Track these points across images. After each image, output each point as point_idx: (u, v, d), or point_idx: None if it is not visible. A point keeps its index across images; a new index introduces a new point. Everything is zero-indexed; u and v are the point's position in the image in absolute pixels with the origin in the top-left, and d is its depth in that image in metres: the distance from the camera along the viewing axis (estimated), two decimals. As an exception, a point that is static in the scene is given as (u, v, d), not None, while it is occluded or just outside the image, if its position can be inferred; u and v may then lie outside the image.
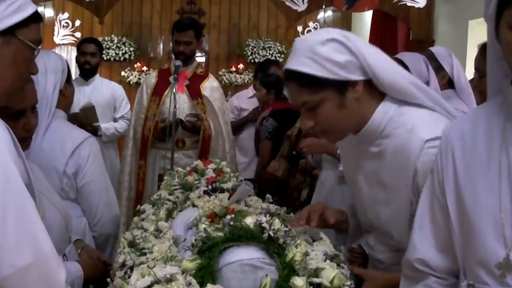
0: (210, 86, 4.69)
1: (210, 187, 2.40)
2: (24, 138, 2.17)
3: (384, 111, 1.89)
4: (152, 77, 4.83)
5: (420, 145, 1.77)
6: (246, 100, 6.23)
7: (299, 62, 1.81)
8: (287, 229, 1.64)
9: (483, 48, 2.84)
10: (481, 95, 2.93)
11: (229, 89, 9.28)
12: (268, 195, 2.48)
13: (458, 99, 3.58)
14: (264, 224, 1.63)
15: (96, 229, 2.74)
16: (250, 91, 6.47)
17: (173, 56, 4.83)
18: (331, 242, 1.89)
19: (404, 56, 3.29)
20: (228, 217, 1.67)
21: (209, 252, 1.60)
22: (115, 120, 5.66)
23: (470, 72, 4.25)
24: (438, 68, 3.53)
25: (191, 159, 4.21)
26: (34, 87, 2.22)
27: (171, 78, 4.40)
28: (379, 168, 1.90)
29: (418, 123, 1.83)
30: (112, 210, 2.81)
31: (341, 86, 1.81)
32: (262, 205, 2.29)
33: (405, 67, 3.16)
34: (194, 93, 4.61)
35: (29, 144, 2.25)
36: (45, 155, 2.54)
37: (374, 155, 1.92)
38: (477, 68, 2.88)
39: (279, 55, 9.53)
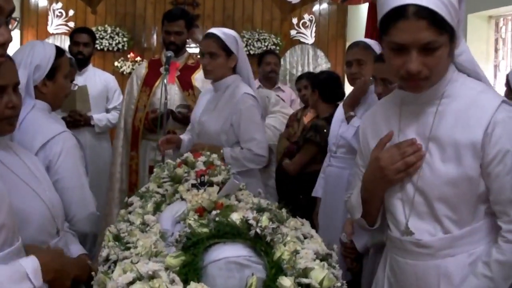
0: (201, 78, 4.60)
1: (198, 180, 2.35)
2: (8, 116, 2.09)
3: (451, 74, 1.94)
4: (142, 68, 4.78)
5: (497, 102, 1.85)
6: None
7: (432, 2, 1.76)
8: (275, 226, 1.59)
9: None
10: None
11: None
12: (259, 190, 2.44)
13: None
14: (251, 221, 1.57)
15: (70, 226, 2.66)
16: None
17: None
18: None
19: None
20: (214, 212, 1.62)
21: (193, 249, 1.55)
22: (107, 110, 5.61)
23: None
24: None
25: (182, 150, 4.16)
26: (14, 67, 2.11)
27: (162, 69, 4.34)
28: (441, 127, 1.90)
29: (485, 90, 1.92)
30: (87, 208, 2.70)
31: (453, 36, 1.83)
32: (253, 200, 2.24)
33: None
34: (185, 84, 4.57)
35: (15, 123, 2.16)
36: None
37: (433, 115, 1.92)
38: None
39: (274, 47, 9.43)
